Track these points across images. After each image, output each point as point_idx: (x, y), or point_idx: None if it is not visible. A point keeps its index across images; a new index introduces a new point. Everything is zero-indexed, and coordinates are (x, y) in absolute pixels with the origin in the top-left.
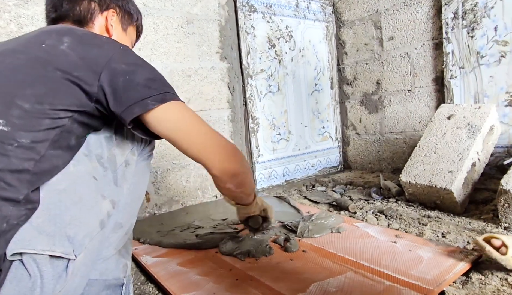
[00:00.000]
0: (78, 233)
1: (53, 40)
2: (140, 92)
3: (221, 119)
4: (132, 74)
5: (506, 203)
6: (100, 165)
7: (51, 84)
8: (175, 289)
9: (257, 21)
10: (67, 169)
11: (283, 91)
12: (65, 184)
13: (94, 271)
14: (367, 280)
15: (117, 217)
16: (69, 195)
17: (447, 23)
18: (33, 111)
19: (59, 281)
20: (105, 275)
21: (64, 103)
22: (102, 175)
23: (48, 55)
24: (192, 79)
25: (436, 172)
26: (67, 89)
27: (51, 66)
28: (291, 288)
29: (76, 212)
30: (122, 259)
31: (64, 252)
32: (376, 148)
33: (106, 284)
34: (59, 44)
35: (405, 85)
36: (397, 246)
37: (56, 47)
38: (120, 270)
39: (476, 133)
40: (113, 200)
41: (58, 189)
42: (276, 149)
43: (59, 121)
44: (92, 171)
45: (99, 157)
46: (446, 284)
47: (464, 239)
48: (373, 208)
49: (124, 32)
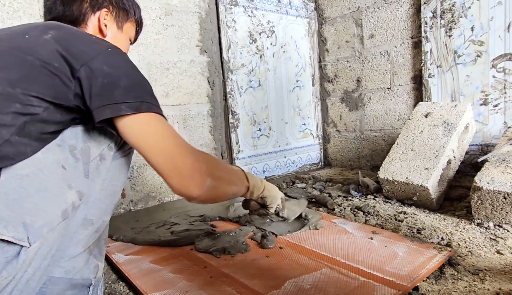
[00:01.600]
0: (36, 220)
1: (38, 32)
2: (116, 96)
3: (200, 114)
4: (113, 77)
5: (479, 199)
6: (72, 155)
7: (28, 71)
8: (146, 288)
9: (238, 15)
10: (35, 156)
11: (264, 87)
12: (29, 170)
13: (58, 268)
14: (342, 277)
15: (86, 212)
16: (32, 181)
17: (426, 22)
18: (3, 93)
19: (6, 267)
20: (71, 274)
21: (39, 91)
22: (73, 165)
23: (30, 44)
24: (170, 73)
25: (413, 169)
26: (45, 78)
27: (32, 56)
28: (266, 285)
29: (37, 199)
30: (94, 260)
31: (16, 237)
32: (356, 145)
33: (72, 284)
34: (44, 34)
35: (384, 83)
36: (373, 242)
37: (39, 37)
38: (91, 270)
39: (452, 131)
40: (81, 191)
41: (21, 174)
42: (257, 145)
43: (31, 108)
44: (62, 160)
45: (72, 148)
46: (419, 280)
47: (438, 235)
48: (351, 204)
49: (119, 30)
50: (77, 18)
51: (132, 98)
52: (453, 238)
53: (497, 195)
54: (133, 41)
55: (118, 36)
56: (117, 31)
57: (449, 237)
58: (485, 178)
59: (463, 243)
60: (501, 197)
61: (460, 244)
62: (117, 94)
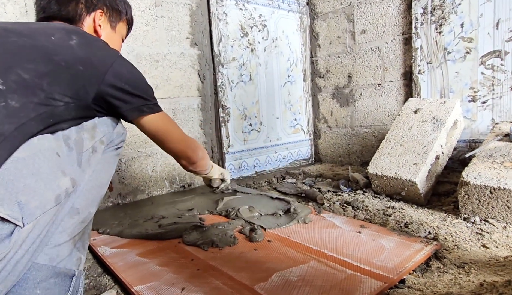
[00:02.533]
0: (31, 201)
1: (62, 35)
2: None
3: (190, 107)
4: (132, 82)
5: (466, 194)
6: (66, 145)
7: (54, 68)
8: (131, 280)
9: (230, 8)
10: (31, 141)
11: (255, 81)
12: (25, 154)
13: (43, 255)
14: (329, 269)
15: (74, 201)
16: (27, 164)
17: (417, 18)
18: (31, 82)
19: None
20: (55, 262)
21: (62, 87)
22: (66, 154)
23: (56, 47)
24: (160, 65)
25: (401, 164)
26: (69, 78)
27: (58, 57)
28: (253, 277)
29: (31, 181)
30: (77, 252)
31: (11, 215)
32: (346, 141)
33: (55, 272)
34: (69, 39)
35: (375, 79)
36: (361, 236)
37: (65, 41)
38: (73, 263)
39: (441, 127)
40: (74, 179)
41: (17, 157)
42: (247, 140)
43: (52, 101)
44: (56, 148)
45: (66, 137)
46: (406, 272)
47: (425, 229)
48: (341, 199)
49: (113, 30)
50: (72, 18)
51: (149, 102)
52: (440, 232)
53: (483, 190)
54: (124, 40)
55: (111, 36)
56: (111, 31)
57: (436, 231)
58: (472, 173)
59: (450, 237)
60: (488, 192)
61: (447, 238)
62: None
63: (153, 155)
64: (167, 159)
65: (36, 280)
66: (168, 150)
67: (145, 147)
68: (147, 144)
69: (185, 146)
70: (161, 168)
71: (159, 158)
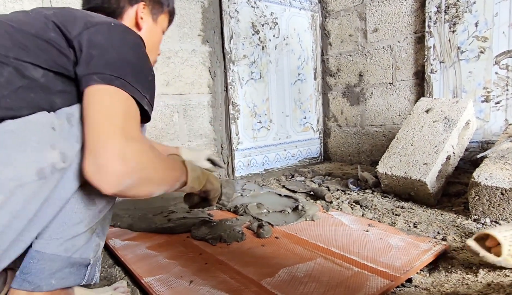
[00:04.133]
0: (4, 171)
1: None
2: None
3: (201, 104)
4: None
5: (477, 195)
6: (68, 122)
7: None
8: (141, 272)
9: (241, 5)
10: (27, 116)
11: (265, 79)
12: (14, 126)
13: (57, 246)
14: (336, 266)
15: (89, 192)
16: (12, 135)
17: (430, 17)
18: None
19: None
20: (70, 252)
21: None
22: (65, 130)
23: (28, 18)
24: (171, 61)
25: (411, 164)
26: (40, 47)
27: (27, 26)
28: (260, 272)
29: (10, 151)
30: (96, 238)
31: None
32: (356, 140)
33: (70, 262)
34: (46, 11)
35: (386, 78)
36: (368, 235)
37: (41, 14)
38: (92, 248)
39: (452, 127)
40: (65, 153)
41: (5, 129)
42: (257, 137)
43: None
44: (55, 122)
45: (69, 115)
46: (413, 272)
47: (434, 229)
48: (349, 198)
49: (154, 23)
50: (115, 10)
51: (109, 71)
52: (449, 233)
53: (494, 191)
54: (164, 32)
55: (153, 28)
56: (152, 23)
57: (445, 231)
58: (483, 174)
59: (459, 238)
60: (499, 193)
61: (456, 239)
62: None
63: None
64: None
65: (52, 271)
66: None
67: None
68: (158, 139)
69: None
70: None
71: None
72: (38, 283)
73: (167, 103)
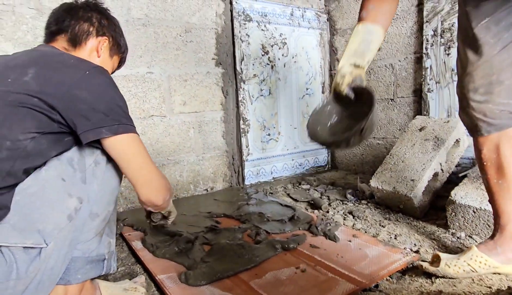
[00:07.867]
0: (47, 226)
1: (17, 75)
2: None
3: (214, 120)
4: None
5: (453, 211)
6: (70, 166)
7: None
8: (156, 271)
9: (252, 30)
10: (39, 174)
11: (274, 95)
12: (35, 188)
13: (77, 251)
14: (314, 272)
15: (92, 208)
16: (38, 197)
17: (427, 40)
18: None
19: (32, 264)
20: (87, 253)
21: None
22: (71, 176)
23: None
24: (188, 83)
25: (400, 180)
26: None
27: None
28: (251, 274)
29: (44, 210)
30: (106, 238)
31: (35, 242)
32: (361, 151)
33: (89, 260)
34: (23, 76)
35: (388, 94)
36: (350, 245)
37: (19, 80)
38: (105, 246)
39: (441, 146)
40: (80, 197)
41: (29, 193)
42: (265, 148)
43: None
44: (62, 173)
45: (70, 160)
46: (378, 279)
47: (412, 241)
48: (345, 208)
49: (109, 58)
50: (79, 37)
51: (110, 122)
52: (423, 245)
53: (467, 209)
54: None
55: (107, 62)
56: (108, 57)
57: (421, 243)
58: (460, 193)
59: (431, 250)
60: (471, 211)
61: (428, 250)
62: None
63: (180, 162)
64: (192, 166)
65: (76, 268)
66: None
67: (174, 155)
68: (175, 153)
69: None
70: (187, 174)
71: (185, 164)
72: (68, 278)
73: (183, 121)
